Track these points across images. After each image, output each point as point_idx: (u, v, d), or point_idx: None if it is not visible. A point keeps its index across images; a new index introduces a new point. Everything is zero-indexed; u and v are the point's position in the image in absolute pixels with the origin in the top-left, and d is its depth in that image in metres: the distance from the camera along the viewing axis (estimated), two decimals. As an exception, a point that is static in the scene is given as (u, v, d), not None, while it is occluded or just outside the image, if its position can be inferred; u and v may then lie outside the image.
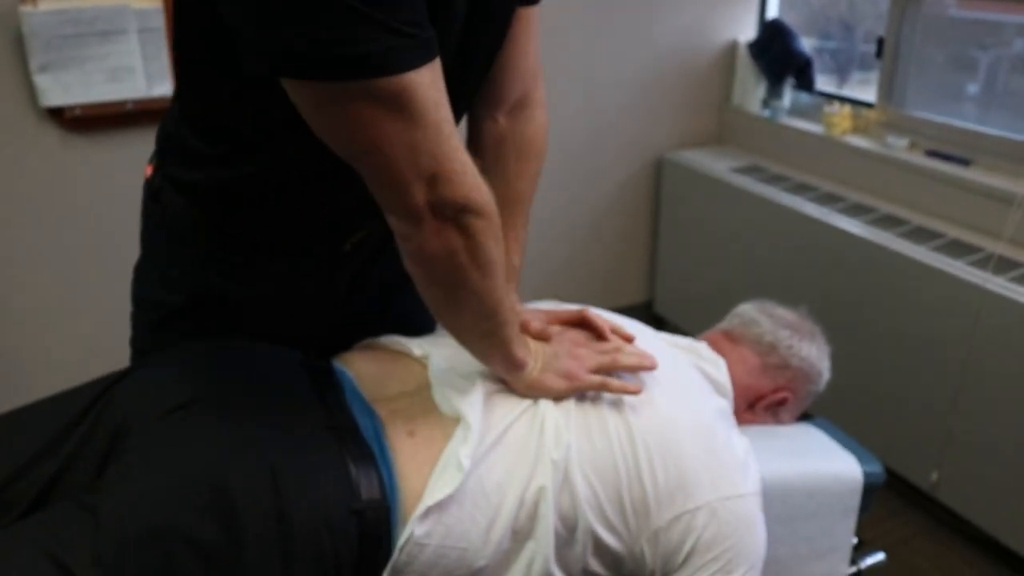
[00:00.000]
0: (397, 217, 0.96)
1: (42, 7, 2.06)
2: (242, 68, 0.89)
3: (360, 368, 1.17)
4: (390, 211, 0.96)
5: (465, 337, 1.10)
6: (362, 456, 1.00)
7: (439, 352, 1.18)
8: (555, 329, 1.21)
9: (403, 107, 0.87)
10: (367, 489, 0.97)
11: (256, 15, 0.84)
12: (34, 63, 2.09)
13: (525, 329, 1.18)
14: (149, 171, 1.22)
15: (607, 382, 1.12)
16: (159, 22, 2.19)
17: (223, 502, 0.91)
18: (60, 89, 2.14)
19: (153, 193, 1.19)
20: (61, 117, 2.19)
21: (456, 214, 0.95)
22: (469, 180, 0.95)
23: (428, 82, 0.89)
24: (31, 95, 2.14)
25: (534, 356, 1.13)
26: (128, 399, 1.04)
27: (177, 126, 1.13)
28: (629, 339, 1.22)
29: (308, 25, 0.81)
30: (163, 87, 2.24)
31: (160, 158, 1.19)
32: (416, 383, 1.15)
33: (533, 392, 1.12)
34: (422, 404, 1.10)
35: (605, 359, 1.15)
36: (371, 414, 1.07)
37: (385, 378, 1.15)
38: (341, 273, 1.26)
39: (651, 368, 1.16)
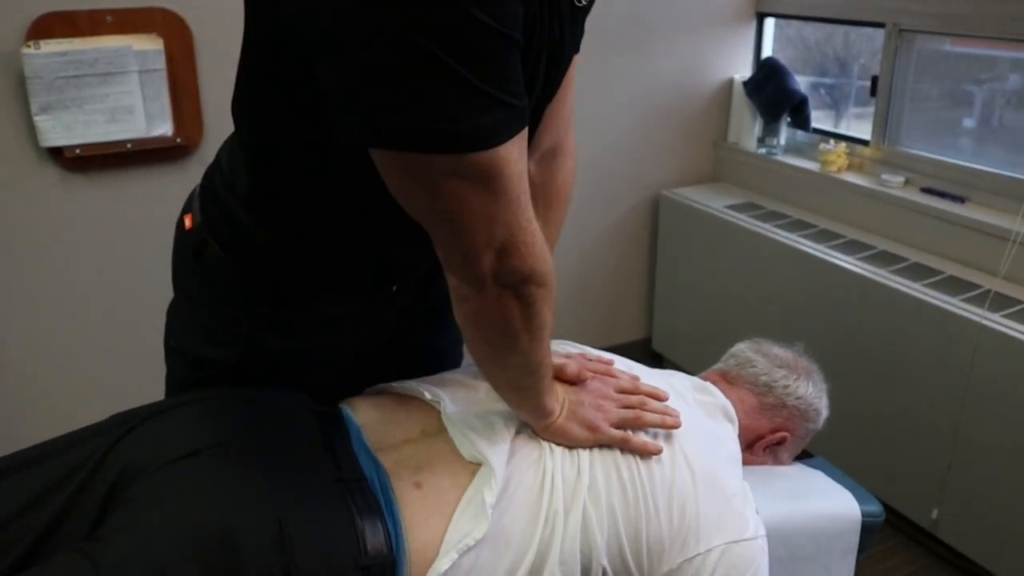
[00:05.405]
0: (459, 279, 0.96)
1: (44, 48, 2.08)
2: (334, 136, 0.86)
3: (366, 415, 1.17)
4: (453, 273, 0.97)
5: (502, 388, 1.12)
6: (369, 510, 1.00)
7: (448, 393, 1.18)
8: (587, 375, 1.22)
9: (490, 181, 0.87)
10: (373, 544, 0.97)
11: (359, 83, 0.81)
12: (35, 104, 2.10)
13: (560, 373, 1.19)
14: (188, 223, 1.19)
15: (628, 439, 1.13)
16: (160, 63, 2.21)
17: (229, 554, 0.90)
18: (61, 129, 2.15)
19: (195, 249, 1.16)
20: (61, 157, 2.20)
21: (519, 283, 0.95)
22: (537, 251, 0.95)
23: (515, 156, 0.88)
24: (32, 135, 2.15)
25: (561, 404, 1.14)
26: (133, 446, 1.03)
27: (229, 191, 1.12)
28: (659, 397, 1.22)
29: (414, 95, 0.79)
30: (162, 128, 2.26)
31: (204, 217, 1.16)
32: (421, 429, 1.15)
33: (554, 438, 1.13)
34: (427, 451, 1.10)
35: (629, 414, 1.16)
36: (376, 464, 1.07)
37: (390, 425, 1.15)
38: (389, 311, 1.26)
39: (674, 427, 1.17)
